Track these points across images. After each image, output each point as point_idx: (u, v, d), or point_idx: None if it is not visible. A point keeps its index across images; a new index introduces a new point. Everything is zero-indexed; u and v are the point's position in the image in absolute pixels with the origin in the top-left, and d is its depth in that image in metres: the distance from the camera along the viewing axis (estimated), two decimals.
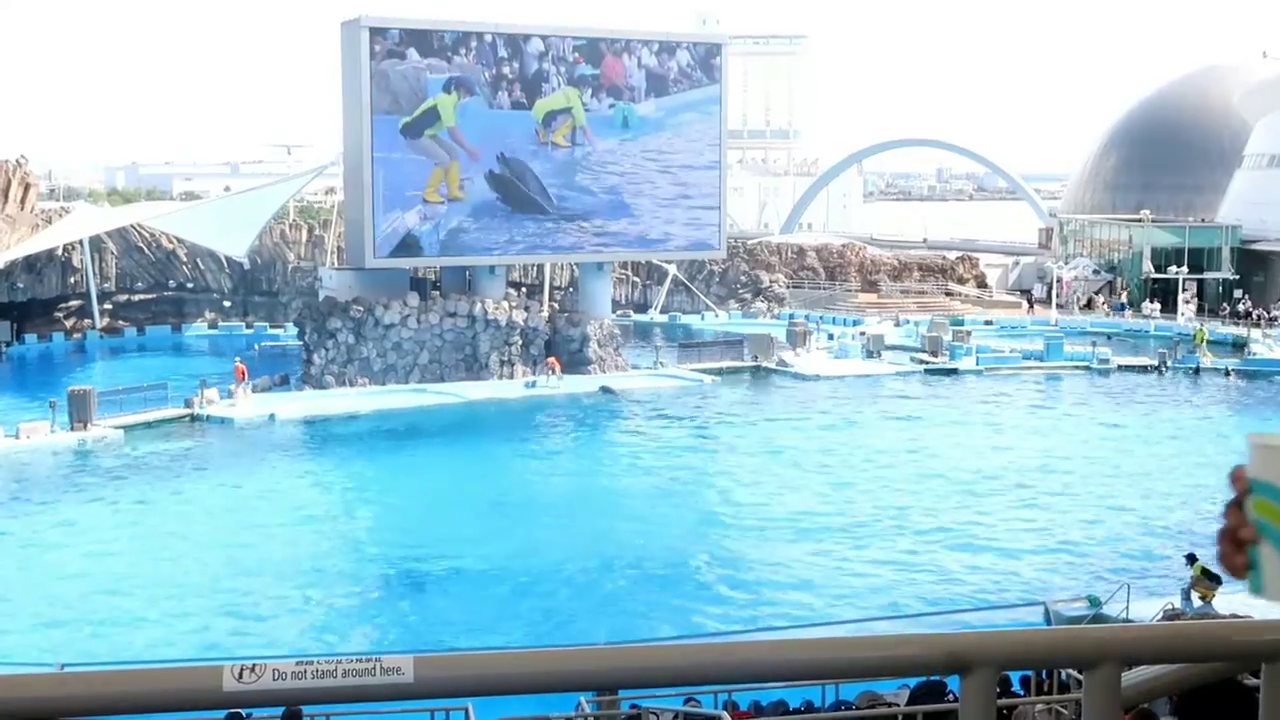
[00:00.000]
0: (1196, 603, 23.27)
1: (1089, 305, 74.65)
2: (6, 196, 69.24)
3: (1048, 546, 30.15)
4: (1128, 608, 22.77)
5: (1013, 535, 31.13)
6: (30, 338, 63.71)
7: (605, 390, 50.32)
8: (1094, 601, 23.72)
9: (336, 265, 58.95)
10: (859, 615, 24.67)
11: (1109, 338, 63.24)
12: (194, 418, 45.21)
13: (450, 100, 51.76)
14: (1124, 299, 73.40)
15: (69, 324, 66.80)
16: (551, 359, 51.99)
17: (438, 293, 54.57)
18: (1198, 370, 55.62)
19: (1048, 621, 22.97)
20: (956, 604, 25.59)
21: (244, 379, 45.77)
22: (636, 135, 55.58)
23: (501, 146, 52.99)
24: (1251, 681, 2.90)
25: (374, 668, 2.40)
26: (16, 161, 71.01)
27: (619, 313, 68.15)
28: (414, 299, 52.54)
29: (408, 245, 51.88)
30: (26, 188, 71.09)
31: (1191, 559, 24.14)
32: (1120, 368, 56.58)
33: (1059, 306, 70.76)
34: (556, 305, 65.32)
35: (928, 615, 24.51)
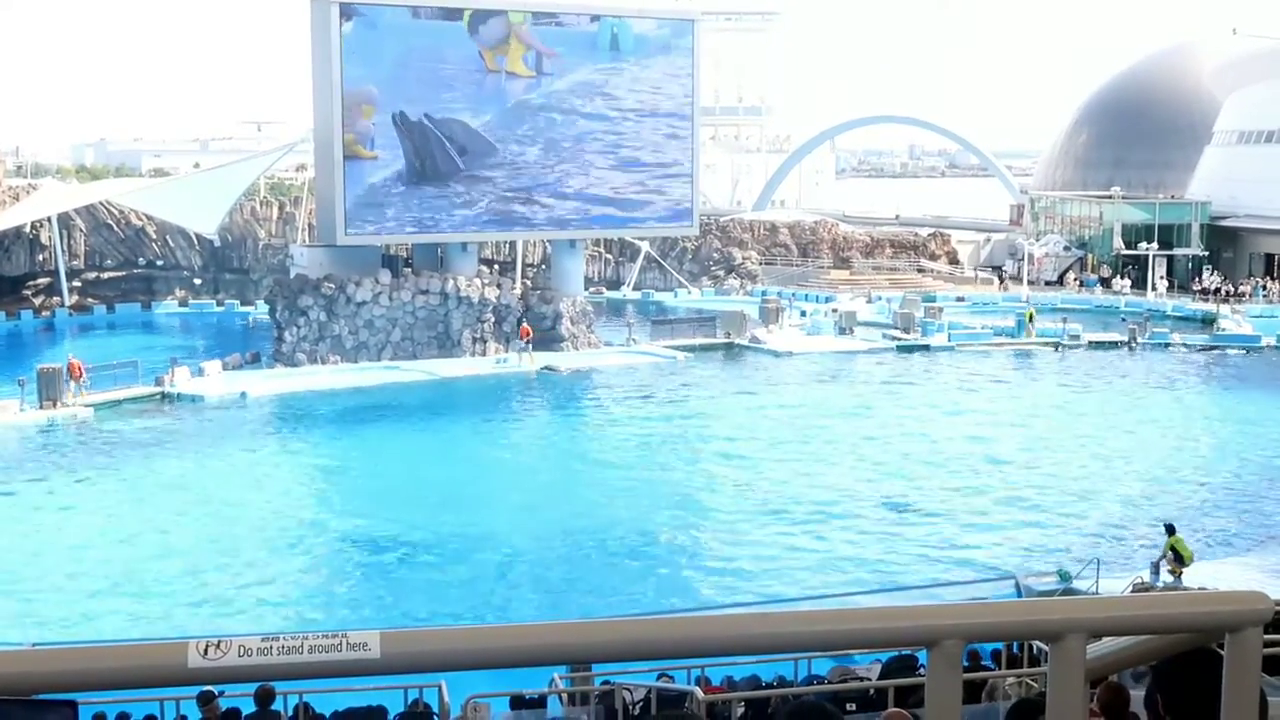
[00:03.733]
0: (1166, 578, 23.49)
1: (1060, 282, 74.98)
2: None
3: (1018, 521, 30.34)
4: (1097, 583, 22.97)
5: (983, 510, 31.30)
6: None
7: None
8: (1064, 576, 23.93)
9: (308, 242, 58.68)
10: (829, 591, 24.78)
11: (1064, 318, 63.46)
12: (164, 396, 44.98)
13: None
14: (1097, 275, 73.74)
15: (38, 302, 66.32)
16: (525, 328, 51.73)
17: (410, 270, 54.39)
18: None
19: (1018, 595, 23.15)
20: (927, 580, 25.74)
21: (80, 376, 42.42)
22: (625, 61, 54.86)
23: (422, 82, 51.29)
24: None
25: (340, 643, 2.40)
26: None
27: (591, 290, 68.10)
28: (386, 276, 52.36)
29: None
30: None
31: (1170, 529, 24.35)
32: (1091, 344, 56.88)
33: (1030, 283, 71.01)
34: (529, 283, 65.21)
35: (898, 590, 24.65)
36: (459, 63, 51.95)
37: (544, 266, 68.58)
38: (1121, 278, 71.65)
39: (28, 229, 65.50)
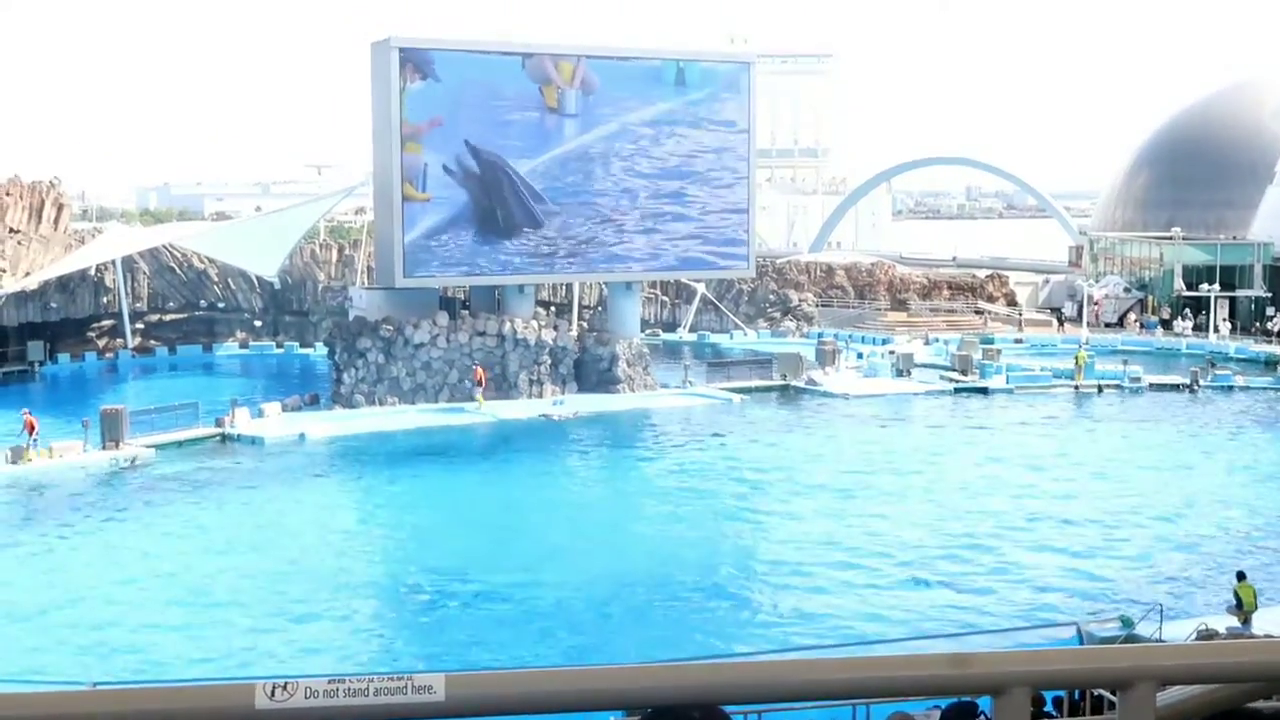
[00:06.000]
0: (1233, 624, 23.10)
1: (1120, 323, 74.27)
2: (40, 217, 69.83)
3: (1080, 566, 29.94)
4: (1160, 629, 22.59)
5: (1045, 555, 30.92)
6: (63, 357, 64.19)
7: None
8: (1126, 622, 23.54)
9: (366, 285, 59.19)
10: (888, 636, 24.53)
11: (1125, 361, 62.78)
12: (224, 437, 45.41)
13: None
14: (1158, 317, 72.98)
15: (102, 343, 67.30)
16: (478, 371, 51.10)
17: (467, 312, 54.71)
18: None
19: (1080, 642, 22.80)
20: (988, 625, 25.43)
21: (33, 431, 40.95)
22: (686, 97, 55.09)
23: (480, 121, 51.72)
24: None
25: (405, 686, 2.40)
26: (50, 183, 71.64)
27: (648, 332, 68.20)
28: (443, 318, 52.69)
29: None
30: (60, 208, 71.70)
31: (1241, 575, 24.03)
32: (1152, 386, 56.22)
33: (1089, 325, 70.39)
34: (585, 324, 65.43)
35: (959, 636, 24.35)
36: (516, 99, 52.39)
37: (600, 308, 68.80)
38: (1183, 319, 70.85)
39: (93, 272, 66.55)
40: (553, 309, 66.50)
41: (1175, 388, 56.20)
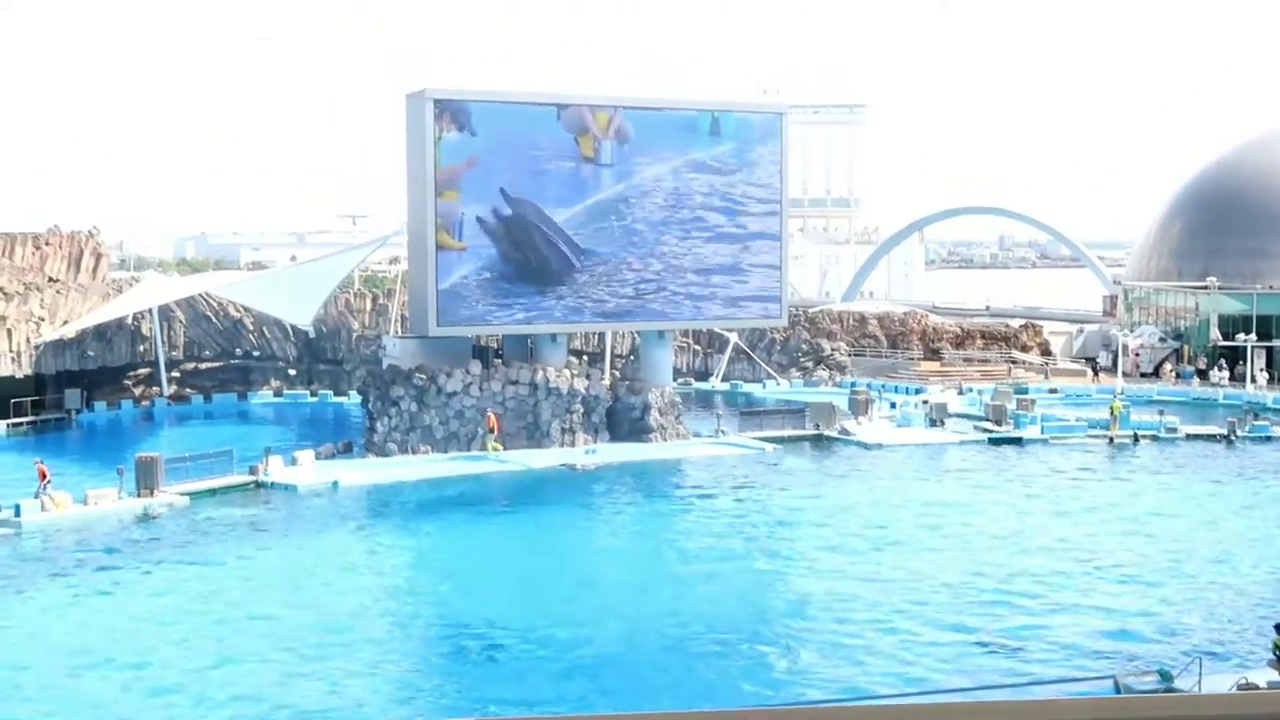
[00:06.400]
0: (1273, 677, 22.80)
1: (1155, 373, 73.78)
2: (79, 266, 70.66)
3: (1117, 618, 29.61)
4: (1200, 682, 22.30)
5: (1081, 606, 30.61)
6: (100, 405, 64.66)
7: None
8: (1165, 675, 23.25)
9: (400, 333, 59.47)
10: (926, 688, 24.30)
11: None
12: (258, 484, 45.57)
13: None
14: (1194, 367, 72.46)
15: (138, 391, 67.76)
16: (490, 417, 51.45)
17: (500, 360, 54.86)
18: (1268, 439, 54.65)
19: (1117, 694, 22.53)
20: (1024, 677, 25.16)
21: (45, 480, 40.73)
22: (721, 146, 55.49)
23: (515, 170, 52.29)
24: None
25: None
26: (89, 232, 72.57)
27: (680, 381, 68.21)
28: (476, 367, 52.84)
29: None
30: (98, 258, 72.58)
31: (1279, 628, 23.73)
32: (1189, 436, 55.76)
33: (1124, 375, 69.97)
34: (617, 373, 65.49)
35: (995, 688, 24.10)
36: (551, 149, 52.76)
37: (633, 357, 68.88)
38: (1219, 369, 70.33)
39: (130, 320, 67.14)
40: (585, 358, 66.62)
41: (1212, 438, 55.71)
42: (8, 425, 59.26)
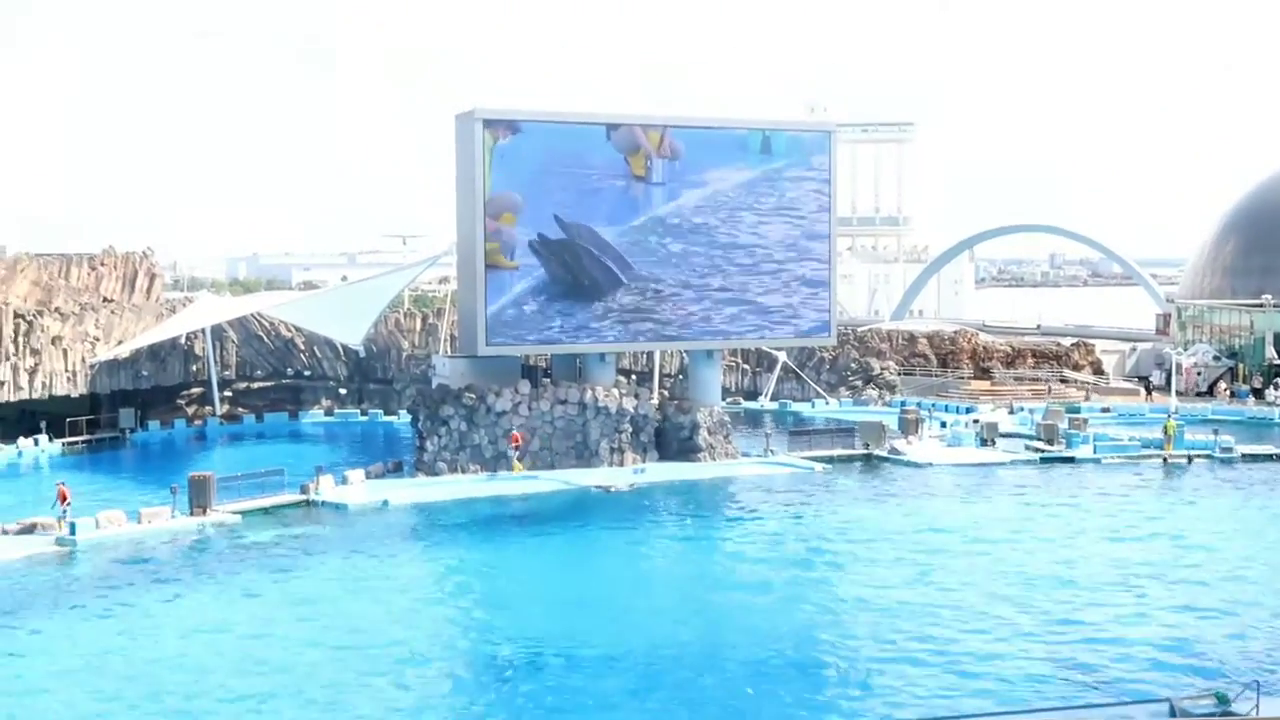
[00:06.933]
0: None
1: (1210, 392, 72.99)
2: (133, 287, 71.54)
3: (1173, 641, 29.25)
4: (1258, 706, 22.01)
5: (1136, 628, 30.26)
6: (153, 424, 65.34)
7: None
8: (1222, 699, 22.94)
9: (450, 353, 59.76)
10: (981, 710, 24.07)
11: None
12: (309, 503, 45.86)
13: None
14: (1249, 386, 71.63)
15: (191, 411, 68.44)
16: (515, 435, 51.64)
17: (549, 380, 54.99)
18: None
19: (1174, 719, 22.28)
20: (1077, 700, 24.89)
21: (65, 502, 40.39)
22: (771, 165, 55.54)
23: (566, 189, 52.57)
24: None
25: None
26: (143, 253, 73.47)
27: (729, 400, 68.12)
28: (525, 386, 52.99)
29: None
30: (152, 278, 73.46)
31: None
32: (1244, 456, 55.11)
33: (1178, 393, 69.27)
34: (666, 392, 65.48)
35: (1049, 710, 23.85)
36: (602, 168, 52.99)
37: (681, 376, 68.89)
38: (1274, 388, 69.48)
39: (183, 340, 67.85)
40: (634, 377, 66.67)
41: (1269, 458, 55.05)
42: (63, 444, 60.01)
